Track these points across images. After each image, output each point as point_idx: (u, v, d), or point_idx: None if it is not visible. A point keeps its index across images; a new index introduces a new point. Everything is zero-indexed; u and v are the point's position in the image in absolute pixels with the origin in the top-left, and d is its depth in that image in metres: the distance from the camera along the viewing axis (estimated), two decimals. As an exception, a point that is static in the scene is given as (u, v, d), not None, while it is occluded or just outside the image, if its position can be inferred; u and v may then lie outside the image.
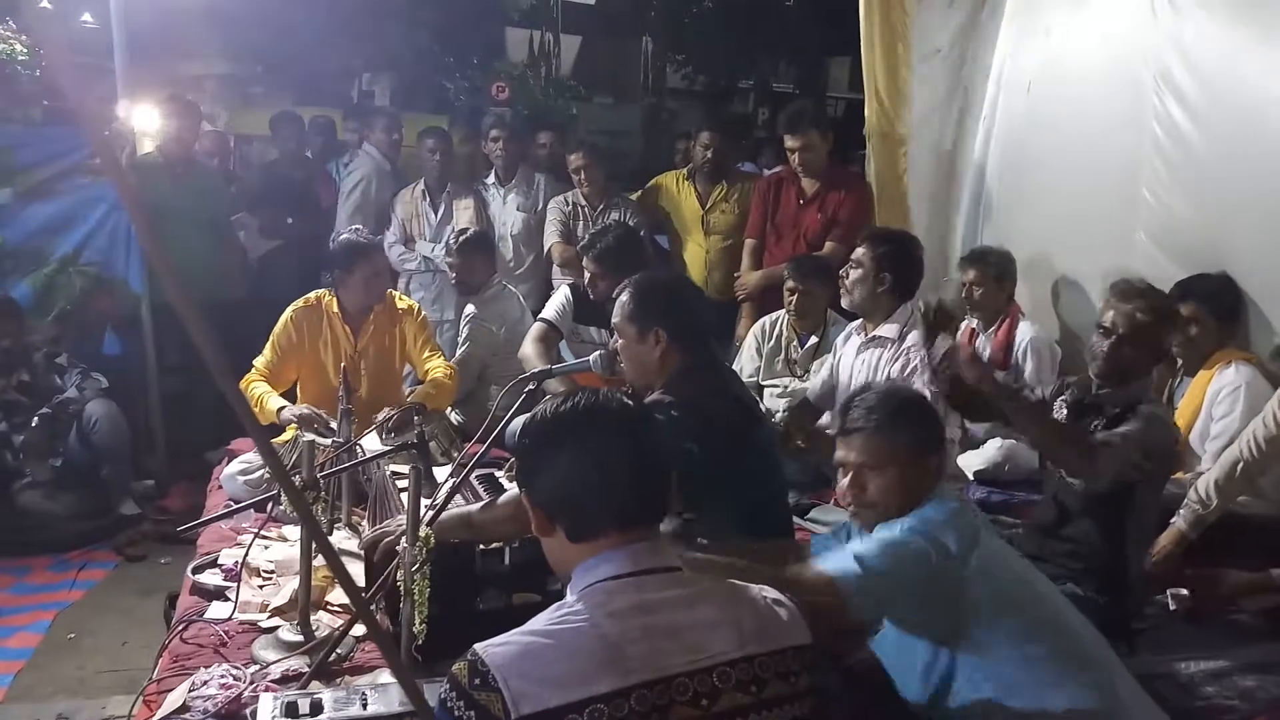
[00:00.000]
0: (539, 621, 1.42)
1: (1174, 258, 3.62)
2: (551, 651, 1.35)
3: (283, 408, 3.49)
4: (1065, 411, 2.90)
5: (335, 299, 3.76)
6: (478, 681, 1.32)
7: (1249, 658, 2.57)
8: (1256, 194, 3.32)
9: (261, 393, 3.56)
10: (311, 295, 3.81)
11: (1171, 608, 2.80)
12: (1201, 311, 3.27)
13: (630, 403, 1.57)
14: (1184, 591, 2.80)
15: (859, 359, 3.54)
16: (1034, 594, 2.06)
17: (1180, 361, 3.40)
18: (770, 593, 1.55)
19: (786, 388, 4.15)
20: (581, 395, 1.55)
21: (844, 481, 2.13)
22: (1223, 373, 3.21)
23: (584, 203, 5.18)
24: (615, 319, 2.57)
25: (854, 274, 3.48)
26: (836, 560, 1.98)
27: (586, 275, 3.87)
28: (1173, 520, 2.98)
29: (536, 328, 4.06)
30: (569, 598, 1.47)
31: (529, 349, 3.95)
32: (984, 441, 3.82)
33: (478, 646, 1.36)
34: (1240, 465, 2.96)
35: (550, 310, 4.08)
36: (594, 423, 1.51)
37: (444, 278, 5.17)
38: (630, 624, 1.39)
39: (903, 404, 2.14)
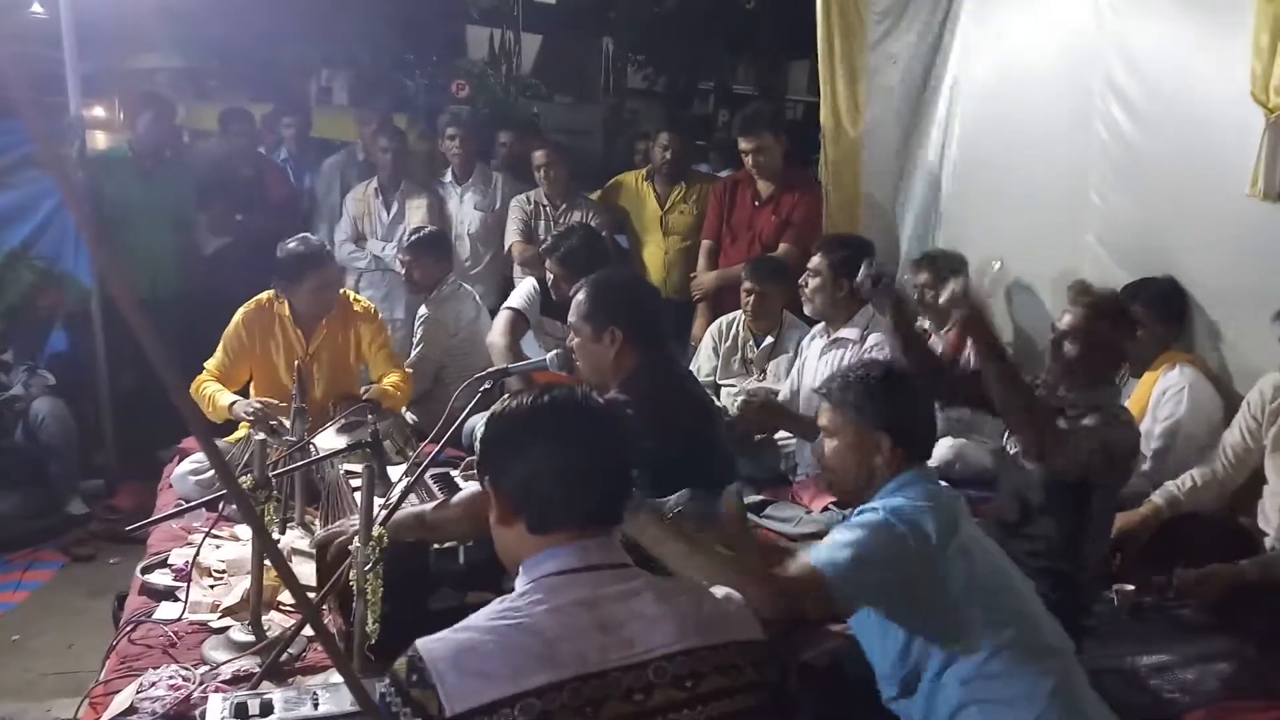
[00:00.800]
0: (480, 616, 1.42)
1: (1121, 261, 3.69)
2: (489, 646, 1.36)
3: (234, 402, 3.45)
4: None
5: (286, 304, 3.71)
6: (415, 678, 1.33)
7: (1191, 652, 2.63)
8: (1199, 197, 3.39)
9: (213, 391, 3.52)
10: (263, 297, 3.75)
11: (1116, 603, 2.86)
12: (1147, 315, 3.33)
13: (603, 402, 1.58)
14: (1129, 587, 2.86)
15: (822, 360, 3.60)
16: (1006, 582, 2.10)
17: (1126, 364, 3.46)
18: (720, 590, 1.56)
19: (742, 387, 4.18)
20: (559, 389, 1.56)
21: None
22: (1167, 374, 3.27)
23: (546, 201, 5.17)
24: (571, 318, 2.58)
25: (813, 282, 3.59)
26: (819, 550, 2.00)
27: (550, 277, 3.87)
28: (1150, 498, 3.06)
29: (504, 316, 4.05)
30: (515, 591, 1.47)
31: (498, 338, 3.95)
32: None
33: (419, 642, 1.37)
34: (1214, 475, 3.06)
35: (518, 299, 4.08)
36: (572, 417, 1.52)
37: (395, 276, 5.14)
38: (570, 619, 1.40)
39: (867, 378, 2.18)
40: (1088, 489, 2.64)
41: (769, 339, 4.19)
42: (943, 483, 2.24)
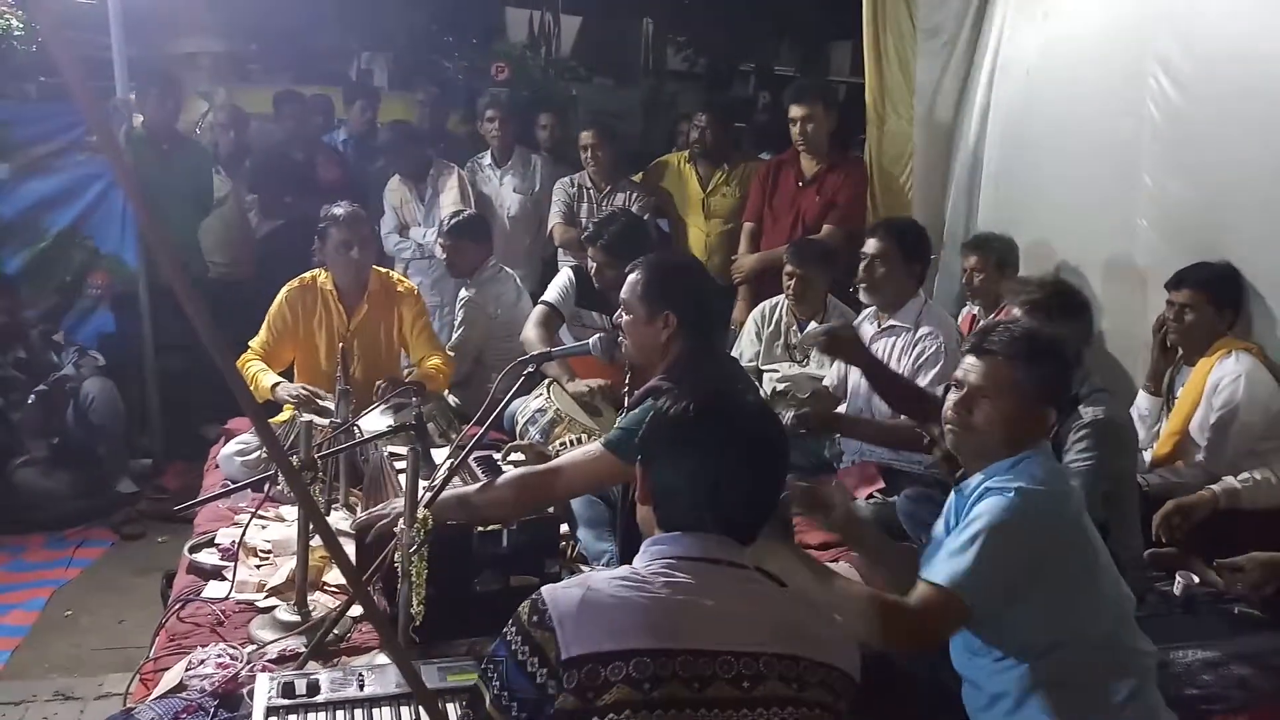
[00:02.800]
0: (602, 576, 1.48)
1: (1174, 244, 3.60)
2: (609, 601, 1.41)
3: (277, 384, 3.48)
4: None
5: (330, 277, 3.75)
6: (536, 619, 1.40)
7: (1244, 647, 2.57)
8: (1256, 177, 3.29)
9: (257, 370, 3.56)
10: (307, 275, 3.79)
11: (1177, 592, 2.82)
12: (1199, 298, 3.25)
13: (766, 414, 1.63)
14: (1194, 576, 2.81)
15: (873, 348, 3.53)
16: (1109, 575, 2.04)
17: (1179, 350, 3.39)
18: (833, 620, 1.61)
19: (785, 373, 4.15)
20: (726, 397, 1.61)
21: (954, 399, 2.08)
22: (1223, 362, 3.19)
23: (589, 184, 5.15)
24: (625, 295, 2.55)
25: (879, 267, 3.44)
26: (935, 569, 1.91)
27: (592, 264, 3.84)
28: (1209, 486, 3.00)
29: (538, 311, 4.04)
30: (637, 563, 1.53)
31: (530, 332, 3.93)
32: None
33: (544, 589, 1.44)
34: (1270, 476, 3.00)
35: (552, 293, 4.06)
36: (727, 434, 1.55)
37: (439, 262, 5.14)
38: (688, 597, 1.44)
39: (1047, 344, 2.07)
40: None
41: (812, 323, 4.14)
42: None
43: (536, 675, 1.37)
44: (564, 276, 4.12)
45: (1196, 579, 2.82)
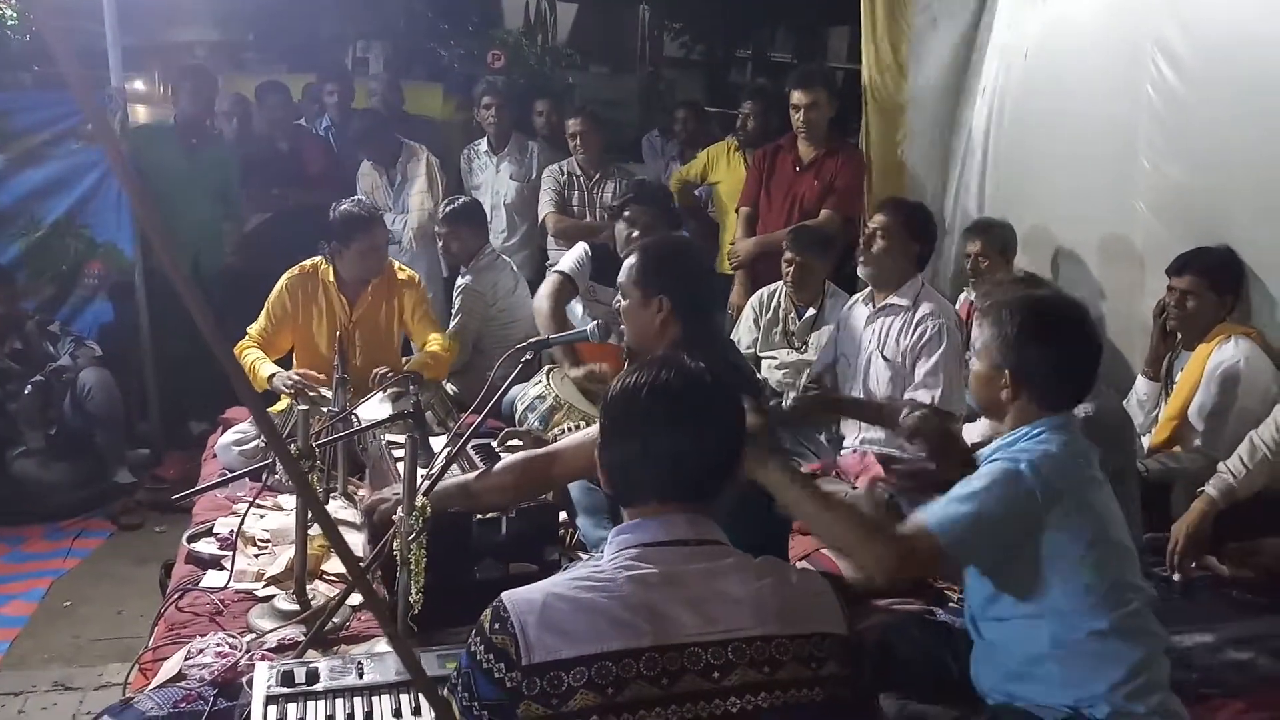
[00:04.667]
0: (565, 576, 1.47)
1: (1173, 228, 3.59)
2: (570, 606, 1.39)
3: (274, 374, 3.47)
4: None
5: (331, 267, 3.73)
6: (497, 625, 1.38)
7: (1244, 631, 2.58)
8: (1255, 162, 3.29)
9: (254, 359, 3.54)
10: (308, 263, 3.78)
11: (1175, 577, 2.82)
12: (1200, 284, 3.25)
13: (709, 379, 1.58)
14: (1212, 559, 2.81)
15: (868, 330, 3.52)
16: (1125, 555, 2.03)
17: (1179, 335, 3.38)
18: (809, 577, 1.58)
19: (783, 360, 4.14)
20: (664, 369, 1.57)
21: None
22: (1222, 347, 3.19)
23: (579, 171, 5.14)
24: (621, 279, 2.54)
25: (880, 243, 3.43)
26: (934, 509, 1.96)
27: (619, 239, 3.87)
28: (1202, 489, 2.97)
29: (553, 279, 4.04)
30: (602, 556, 1.51)
31: (543, 302, 3.95)
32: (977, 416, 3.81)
33: (504, 594, 1.42)
34: (1265, 454, 2.95)
35: (568, 263, 4.07)
36: (652, 399, 1.53)
37: (407, 249, 5.13)
38: (653, 589, 1.41)
39: (1006, 313, 2.08)
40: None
41: (811, 310, 4.13)
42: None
43: (505, 680, 1.35)
44: (579, 249, 4.12)
45: (1195, 564, 2.82)
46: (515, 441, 2.90)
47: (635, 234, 3.82)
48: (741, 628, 1.42)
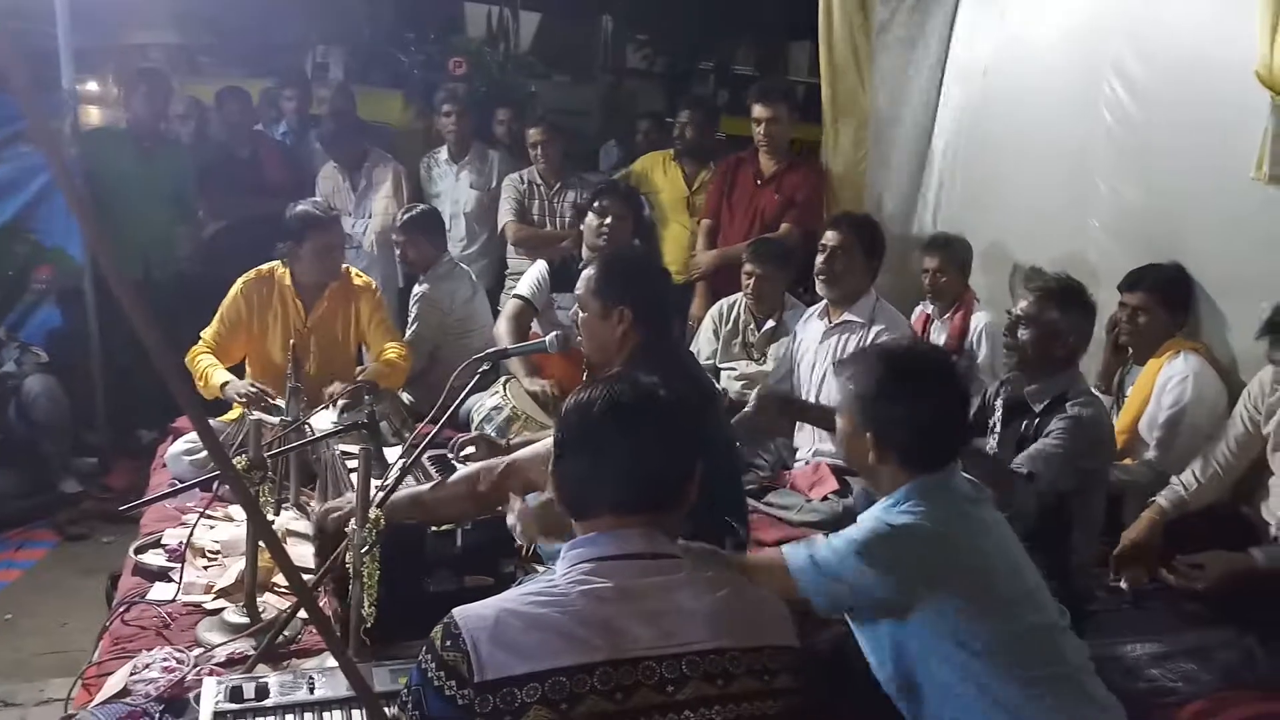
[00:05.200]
0: (518, 591, 1.45)
1: (1126, 246, 3.65)
2: (523, 621, 1.38)
3: (227, 383, 3.41)
4: (1000, 412, 2.94)
5: (288, 271, 3.68)
6: (449, 643, 1.37)
7: (1191, 642, 2.61)
8: (1206, 182, 3.35)
9: (207, 366, 3.48)
10: (264, 267, 3.73)
11: (1124, 586, 2.86)
12: (1151, 301, 3.31)
13: (661, 392, 1.58)
14: (1161, 571, 2.85)
15: (823, 345, 3.54)
16: (1029, 614, 1.94)
17: (1130, 350, 3.44)
18: (760, 590, 1.59)
19: (743, 371, 4.15)
20: (618, 384, 1.57)
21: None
22: (1172, 362, 3.24)
23: (539, 180, 5.13)
24: (579, 291, 2.54)
25: (840, 259, 3.45)
26: (799, 552, 1.92)
27: (598, 222, 3.89)
28: (1153, 499, 3.03)
29: (512, 305, 4.05)
30: (556, 570, 1.50)
31: (501, 326, 3.96)
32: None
33: (455, 610, 1.40)
34: (1216, 470, 3.02)
35: (525, 287, 4.06)
36: (606, 413, 1.53)
37: (367, 254, 5.13)
38: (606, 604, 1.41)
39: (861, 372, 2.01)
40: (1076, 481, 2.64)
41: (770, 322, 4.16)
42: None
43: (457, 697, 1.34)
44: (537, 269, 4.11)
45: (1146, 575, 2.86)
46: (470, 450, 2.88)
47: (608, 222, 3.84)
48: (695, 641, 1.42)
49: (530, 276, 4.10)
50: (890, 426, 1.93)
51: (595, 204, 3.95)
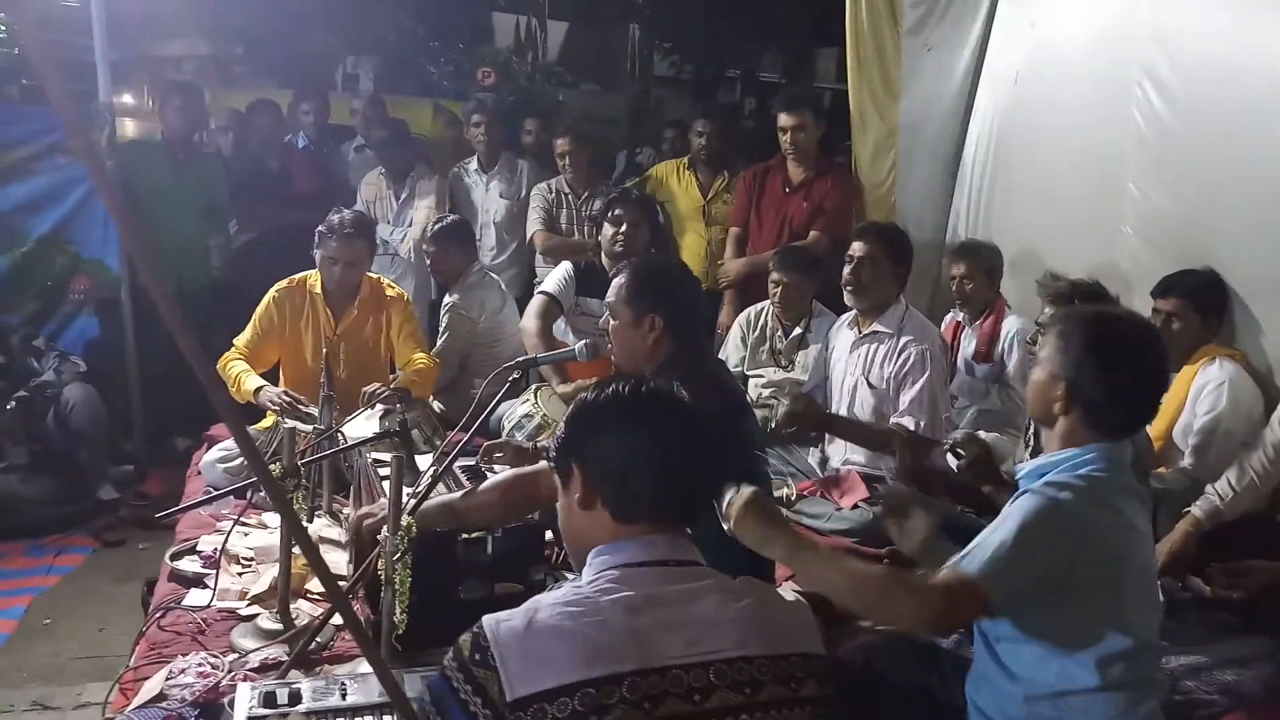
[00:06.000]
0: (547, 600, 1.43)
1: (1159, 253, 3.62)
2: (553, 633, 1.36)
3: (260, 388, 3.45)
4: (1033, 439, 2.92)
5: (319, 280, 3.73)
6: (478, 657, 1.35)
7: (1228, 652, 2.57)
8: (1239, 188, 3.32)
9: (239, 372, 3.53)
10: (297, 276, 3.78)
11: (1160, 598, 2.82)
12: (1185, 306, 3.27)
13: (690, 402, 1.59)
14: (1196, 581, 2.81)
15: (854, 355, 3.53)
16: (1148, 595, 2.00)
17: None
18: (786, 597, 1.57)
19: (770, 379, 4.14)
20: (642, 389, 1.57)
21: None
22: (1206, 369, 3.21)
23: (568, 190, 5.15)
24: (610, 299, 2.55)
25: (867, 269, 3.43)
26: (970, 558, 1.88)
27: (612, 231, 3.91)
28: (1188, 510, 2.99)
29: (538, 301, 4.06)
30: (582, 578, 1.48)
31: (530, 322, 3.97)
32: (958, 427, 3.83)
33: (485, 621, 1.38)
34: (1253, 478, 2.97)
35: (551, 284, 4.08)
36: (665, 410, 1.55)
37: (403, 261, 5.15)
38: (635, 613, 1.40)
39: (1072, 328, 2.01)
40: None
41: (798, 330, 4.15)
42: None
43: (480, 716, 1.32)
44: (563, 269, 4.13)
45: (1180, 585, 2.83)
46: (498, 455, 2.90)
47: (623, 230, 3.85)
48: (722, 649, 1.40)
49: (556, 275, 4.12)
50: (1088, 381, 1.94)
51: (609, 213, 3.96)
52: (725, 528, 1.79)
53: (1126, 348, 1.97)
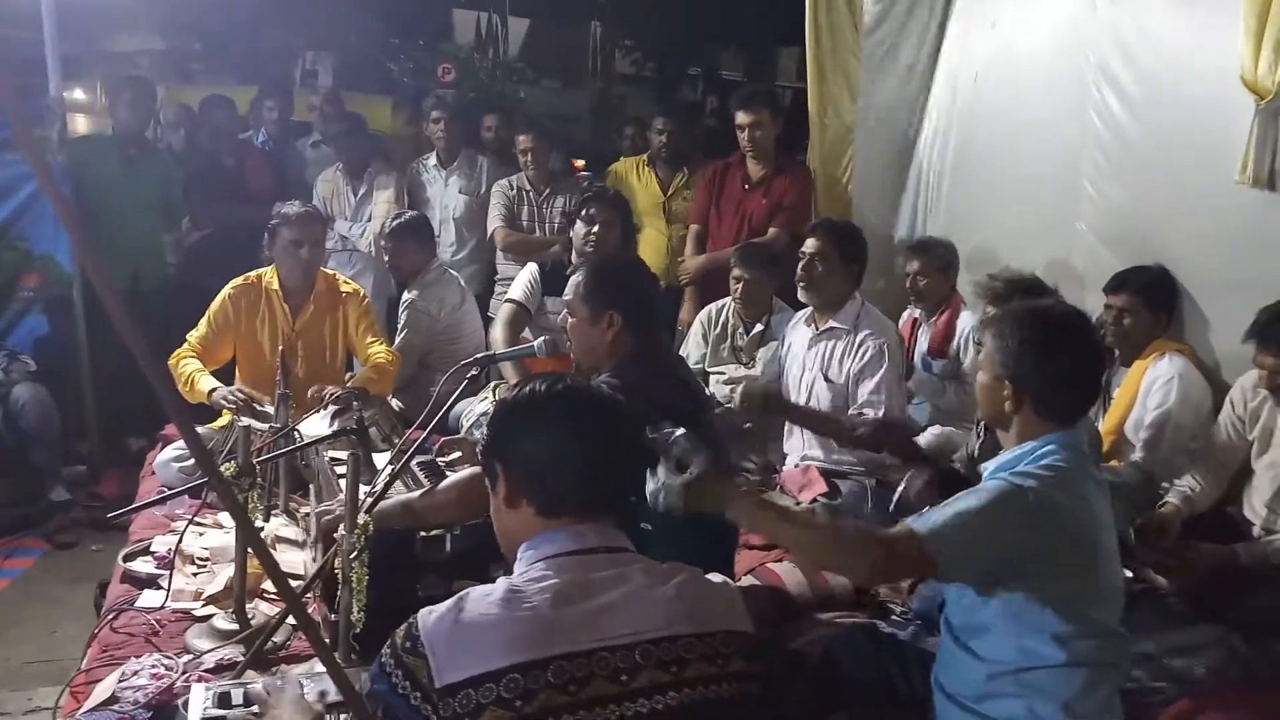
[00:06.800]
0: (478, 592, 1.45)
1: (1114, 249, 3.67)
2: (482, 621, 1.39)
3: (214, 389, 3.41)
4: (984, 430, 2.96)
5: (276, 277, 3.69)
6: (409, 645, 1.39)
7: (1177, 640, 2.61)
8: (1192, 185, 3.37)
9: (193, 371, 3.48)
10: (253, 273, 3.74)
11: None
12: (1136, 302, 3.33)
13: (615, 396, 1.65)
14: (1149, 571, 2.86)
15: (811, 351, 3.55)
16: (1113, 581, 2.03)
17: (1116, 352, 3.46)
18: (714, 577, 1.60)
19: (732, 375, 4.16)
20: (571, 379, 1.63)
21: None
22: (1157, 363, 3.26)
23: (529, 186, 5.14)
24: (568, 297, 2.55)
25: (820, 267, 3.46)
26: (924, 517, 1.94)
27: (584, 230, 3.88)
28: (1167, 499, 3.06)
29: (506, 309, 4.05)
30: (515, 571, 1.51)
31: (498, 332, 3.97)
32: (924, 428, 3.87)
33: (419, 613, 1.42)
34: (1213, 481, 3.07)
35: (517, 291, 4.06)
36: (587, 406, 1.59)
37: (362, 256, 5.12)
38: (563, 600, 1.42)
39: (1010, 328, 2.04)
40: None
41: (759, 326, 4.17)
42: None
43: (412, 699, 1.36)
44: (527, 273, 4.12)
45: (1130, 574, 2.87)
46: (456, 454, 2.88)
47: (596, 230, 3.83)
48: (648, 630, 1.43)
49: (521, 280, 4.10)
50: (1033, 375, 1.99)
51: (584, 211, 3.95)
52: (660, 508, 1.82)
53: (1061, 335, 2.03)
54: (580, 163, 7.26)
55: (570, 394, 1.59)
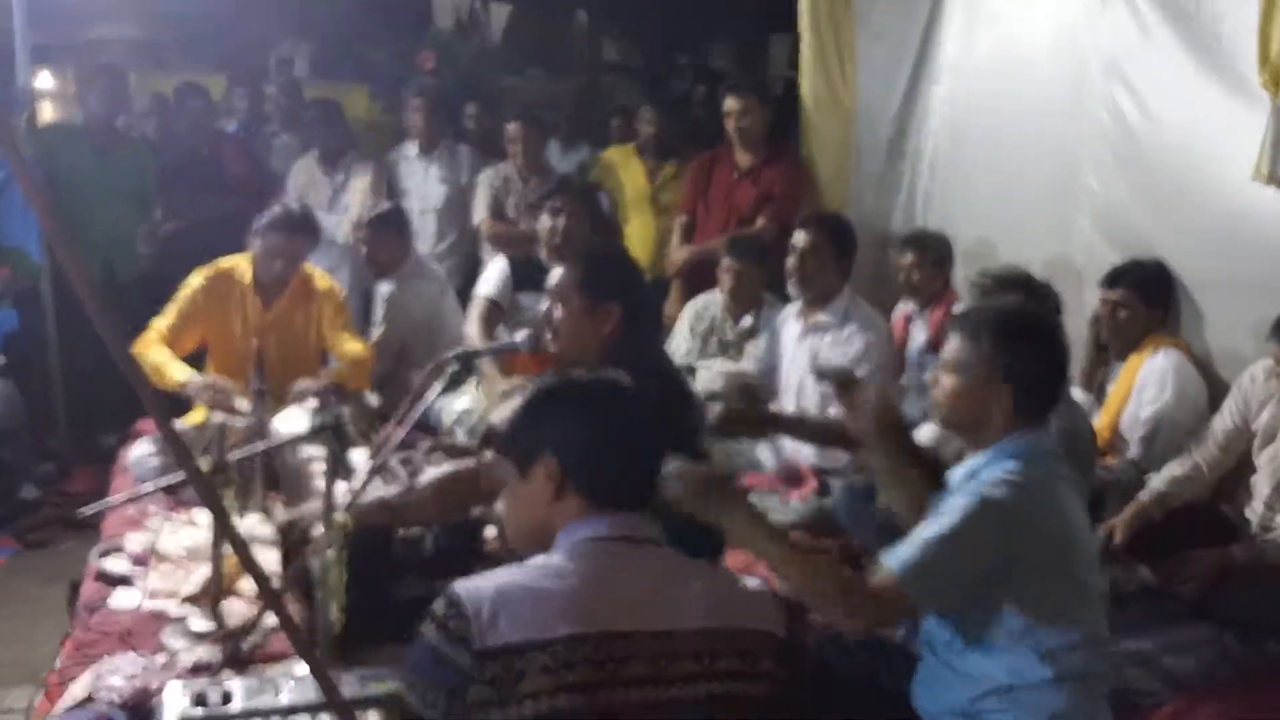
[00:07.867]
0: (517, 568, 1.49)
1: (1115, 245, 3.63)
2: (523, 592, 1.43)
3: (187, 379, 3.34)
4: None
5: (250, 269, 3.63)
6: (452, 611, 1.42)
7: (1171, 639, 2.61)
8: (1194, 181, 3.34)
9: (162, 360, 3.41)
10: (225, 262, 3.67)
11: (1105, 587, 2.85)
12: (1131, 297, 3.31)
13: (645, 390, 1.70)
14: (1145, 570, 2.84)
15: (801, 346, 3.52)
16: (1091, 579, 2.01)
17: (1111, 347, 3.44)
18: (746, 581, 1.67)
19: (718, 370, 4.11)
20: (609, 374, 1.71)
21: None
22: (1152, 358, 3.25)
23: (516, 176, 5.06)
24: (560, 286, 2.48)
25: (811, 260, 3.42)
26: (898, 554, 1.89)
27: (550, 224, 3.77)
28: (1139, 495, 3.04)
29: (479, 305, 3.98)
30: (554, 552, 1.53)
31: (471, 329, 3.88)
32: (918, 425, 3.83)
33: (456, 583, 1.46)
34: (1200, 465, 3.04)
35: (489, 286, 3.99)
36: (625, 396, 1.64)
37: (340, 249, 5.03)
38: (603, 581, 1.47)
39: (1002, 320, 2.03)
40: None
41: (747, 319, 4.12)
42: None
43: (459, 658, 1.38)
44: (497, 268, 4.05)
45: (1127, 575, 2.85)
46: (439, 455, 2.83)
47: (560, 221, 3.75)
48: (686, 620, 1.48)
49: (492, 276, 4.04)
50: (1003, 375, 1.97)
51: (546, 204, 3.83)
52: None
53: (1030, 335, 2.03)
54: None
55: (614, 386, 1.65)
